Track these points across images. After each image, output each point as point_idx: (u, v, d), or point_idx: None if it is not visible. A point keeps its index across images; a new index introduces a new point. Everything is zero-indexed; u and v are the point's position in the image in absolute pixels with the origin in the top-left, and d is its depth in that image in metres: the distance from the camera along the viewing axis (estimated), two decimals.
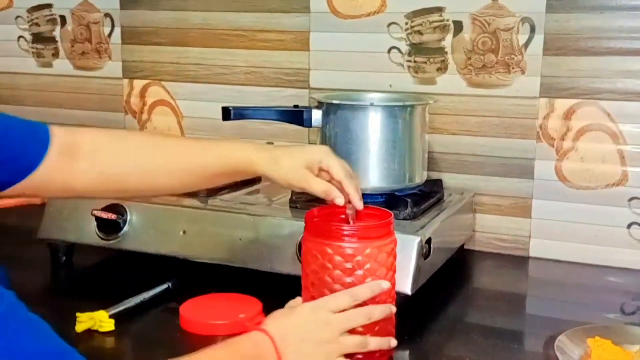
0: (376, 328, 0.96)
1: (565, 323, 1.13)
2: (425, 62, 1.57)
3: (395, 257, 1.01)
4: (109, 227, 1.35)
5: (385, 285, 0.96)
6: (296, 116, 1.38)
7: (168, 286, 1.25)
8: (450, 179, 1.56)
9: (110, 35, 1.88)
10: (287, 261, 1.22)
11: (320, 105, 1.37)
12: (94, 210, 1.35)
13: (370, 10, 1.60)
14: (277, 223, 1.27)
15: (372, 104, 1.37)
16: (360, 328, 0.94)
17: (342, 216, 1.05)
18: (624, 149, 1.45)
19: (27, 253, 1.46)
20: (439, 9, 1.55)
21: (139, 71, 1.86)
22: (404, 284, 1.12)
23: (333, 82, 1.65)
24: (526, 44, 1.49)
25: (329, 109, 1.35)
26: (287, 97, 1.68)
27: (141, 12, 1.83)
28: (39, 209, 1.44)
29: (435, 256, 1.25)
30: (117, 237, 1.34)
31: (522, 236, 1.54)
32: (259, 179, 1.54)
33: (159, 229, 1.34)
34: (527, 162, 1.52)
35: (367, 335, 0.95)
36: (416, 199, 1.34)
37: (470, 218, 1.54)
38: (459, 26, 1.54)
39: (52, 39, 1.96)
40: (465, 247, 1.54)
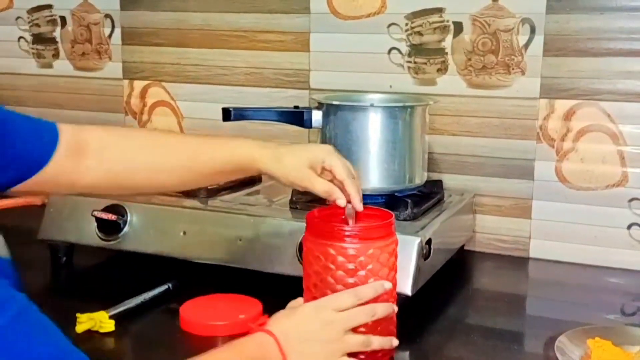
0: (378, 328, 0.97)
1: (565, 324, 1.13)
2: (426, 63, 1.57)
3: (396, 257, 1.01)
4: (109, 228, 1.35)
5: (387, 286, 0.97)
6: (296, 117, 1.38)
7: (168, 287, 1.25)
8: (451, 180, 1.56)
9: (110, 36, 1.88)
10: (287, 262, 1.22)
11: (320, 106, 1.37)
12: (94, 210, 1.35)
13: (370, 11, 1.60)
14: (277, 224, 1.27)
15: (372, 105, 1.37)
16: (362, 328, 0.94)
17: (343, 217, 1.05)
18: (624, 150, 1.45)
19: (27, 254, 1.44)
20: (439, 10, 1.55)
21: (139, 72, 1.86)
22: (404, 284, 1.12)
23: (333, 83, 1.65)
24: (526, 45, 1.49)
25: (329, 110, 1.35)
26: (287, 98, 1.68)
27: (141, 13, 1.83)
28: (39, 209, 1.44)
29: (436, 257, 1.25)
30: (117, 238, 1.34)
31: (522, 237, 1.54)
32: (260, 179, 1.55)
33: (159, 229, 1.34)
34: (527, 163, 1.52)
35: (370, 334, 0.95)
36: (416, 200, 1.34)
37: (470, 219, 1.54)
38: (459, 27, 1.54)
39: (53, 40, 1.96)
40: (466, 247, 1.54)
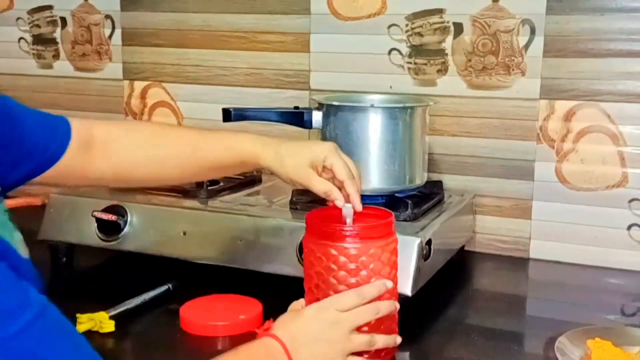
0: (381, 327, 0.97)
1: (565, 324, 1.13)
2: (426, 64, 1.57)
3: (397, 255, 1.01)
4: (109, 228, 1.35)
5: (389, 285, 0.97)
6: (297, 117, 1.38)
7: (168, 287, 1.26)
8: (451, 181, 1.56)
9: (110, 36, 1.88)
10: (287, 262, 1.22)
11: (320, 106, 1.37)
12: (94, 211, 1.35)
13: (370, 12, 1.61)
14: (277, 224, 1.27)
15: (372, 106, 1.37)
16: (365, 328, 0.95)
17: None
18: (624, 151, 1.45)
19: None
20: (440, 11, 1.55)
21: (140, 72, 1.86)
22: (405, 285, 1.12)
23: (333, 83, 1.65)
24: (526, 46, 1.49)
25: (329, 111, 1.35)
26: (287, 99, 1.68)
27: (141, 13, 1.83)
28: (39, 210, 1.44)
29: (436, 257, 1.25)
30: (118, 238, 1.34)
31: (522, 237, 1.54)
32: (260, 180, 1.56)
33: (160, 230, 1.34)
34: (527, 164, 1.52)
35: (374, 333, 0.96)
36: (416, 201, 1.34)
37: (470, 219, 1.54)
38: (459, 28, 1.54)
39: (53, 41, 1.96)
40: (466, 248, 1.54)
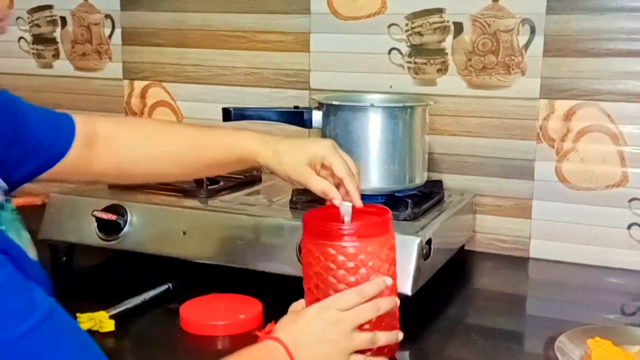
0: (383, 324, 0.97)
1: (565, 324, 1.13)
2: (426, 64, 1.57)
3: (395, 251, 1.01)
4: (109, 228, 1.35)
5: (389, 282, 0.97)
6: (297, 117, 1.38)
7: (168, 287, 1.26)
8: (451, 180, 1.56)
9: (110, 36, 1.88)
10: (287, 262, 1.22)
11: (320, 106, 1.37)
12: (94, 210, 1.35)
13: (370, 12, 1.61)
14: (277, 224, 1.27)
15: (372, 105, 1.37)
16: (367, 325, 0.95)
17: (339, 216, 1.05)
18: (624, 150, 1.45)
19: None
20: (439, 10, 1.55)
21: (140, 72, 1.86)
22: (404, 284, 1.12)
23: (333, 83, 1.65)
24: (526, 45, 1.49)
25: (329, 110, 1.36)
26: (287, 98, 1.68)
27: (141, 13, 1.83)
28: (39, 209, 1.44)
29: (436, 257, 1.25)
30: (118, 238, 1.34)
31: (522, 237, 1.54)
32: (260, 180, 1.56)
33: (159, 229, 1.34)
34: (527, 163, 1.52)
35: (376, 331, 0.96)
36: (416, 200, 1.34)
37: (470, 219, 1.54)
38: (459, 27, 1.54)
39: (53, 40, 1.96)
40: (466, 247, 1.54)
